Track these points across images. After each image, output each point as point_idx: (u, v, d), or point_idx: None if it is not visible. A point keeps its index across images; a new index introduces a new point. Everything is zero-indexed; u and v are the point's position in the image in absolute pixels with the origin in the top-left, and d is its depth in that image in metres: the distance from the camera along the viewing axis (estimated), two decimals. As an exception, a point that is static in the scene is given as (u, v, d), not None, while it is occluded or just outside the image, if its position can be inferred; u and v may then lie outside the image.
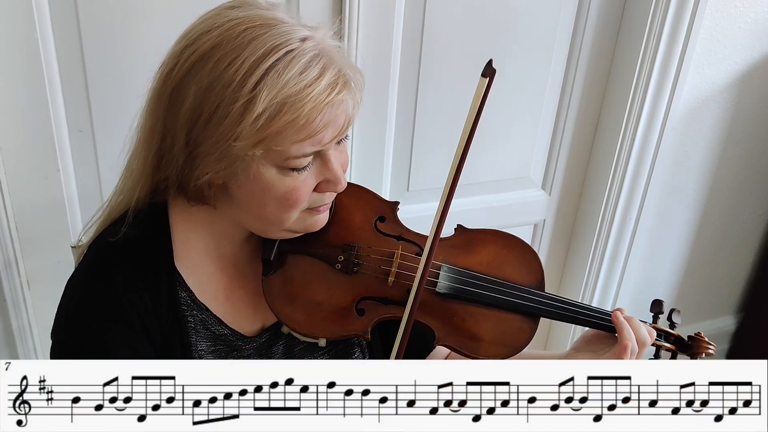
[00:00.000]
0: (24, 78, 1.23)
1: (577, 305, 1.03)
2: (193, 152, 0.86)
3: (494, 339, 0.99)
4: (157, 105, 0.87)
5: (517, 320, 1.00)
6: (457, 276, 0.99)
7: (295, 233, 0.95)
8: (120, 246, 0.92)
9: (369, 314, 0.96)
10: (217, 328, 0.97)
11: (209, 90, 0.82)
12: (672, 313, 1.10)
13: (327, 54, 0.85)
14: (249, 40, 0.82)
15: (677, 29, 1.64)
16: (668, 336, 1.08)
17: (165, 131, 0.87)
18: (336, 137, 0.88)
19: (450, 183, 0.89)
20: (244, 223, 0.95)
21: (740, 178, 2.08)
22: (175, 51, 0.86)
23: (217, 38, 0.83)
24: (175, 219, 0.96)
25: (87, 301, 0.91)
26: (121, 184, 0.97)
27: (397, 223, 1.03)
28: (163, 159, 0.89)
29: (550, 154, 1.84)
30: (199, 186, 0.88)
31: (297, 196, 0.88)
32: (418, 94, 1.59)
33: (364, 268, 0.98)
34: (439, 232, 0.90)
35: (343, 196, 1.00)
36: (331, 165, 0.89)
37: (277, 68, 0.81)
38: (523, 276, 1.03)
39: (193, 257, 0.96)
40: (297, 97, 0.81)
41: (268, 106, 0.81)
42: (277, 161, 0.85)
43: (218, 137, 0.83)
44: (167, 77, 0.86)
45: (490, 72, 0.86)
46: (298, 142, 0.84)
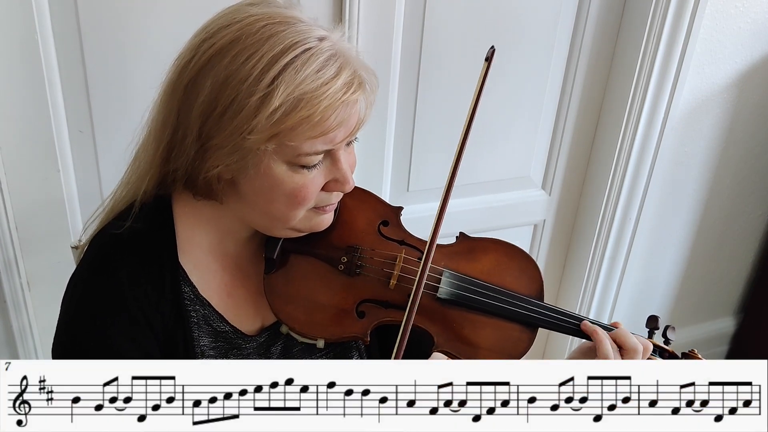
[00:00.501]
0: (24, 78, 1.23)
1: (574, 317, 1.03)
2: (205, 145, 0.86)
3: (492, 347, 0.99)
4: (172, 97, 0.88)
5: (516, 329, 1.00)
6: (458, 282, 1.00)
7: (300, 232, 0.95)
8: (124, 239, 0.92)
9: (369, 317, 0.97)
10: (219, 325, 0.97)
11: (226, 83, 0.83)
12: (667, 329, 1.09)
13: (343, 54, 0.87)
14: (268, 36, 0.83)
15: (677, 29, 1.64)
16: (663, 352, 1.07)
17: (178, 123, 0.88)
18: (347, 137, 0.89)
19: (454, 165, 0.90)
20: (250, 219, 0.95)
21: (740, 178, 2.08)
22: (193, 44, 0.87)
23: (236, 33, 0.84)
24: (179, 214, 0.96)
25: (90, 297, 0.91)
26: (127, 176, 0.97)
27: (401, 228, 1.04)
28: (174, 151, 0.89)
29: (550, 154, 1.84)
30: (208, 179, 0.89)
31: (305, 193, 0.89)
32: (418, 94, 1.59)
33: (366, 270, 0.98)
34: (442, 216, 0.91)
35: (347, 199, 1.01)
36: (340, 165, 0.90)
37: (295, 65, 0.82)
38: (523, 285, 1.03)
39: (197, 253, 0.96)
40: (314, 94, 0.82)
41: (284, 101, 0.82)
42: (289, 157, 0.86)
43: (232, 130, 0.84)
44: (183, 69, 0.87)
45: (490, 52, 0.89)
46: (311, 139, 0.85)
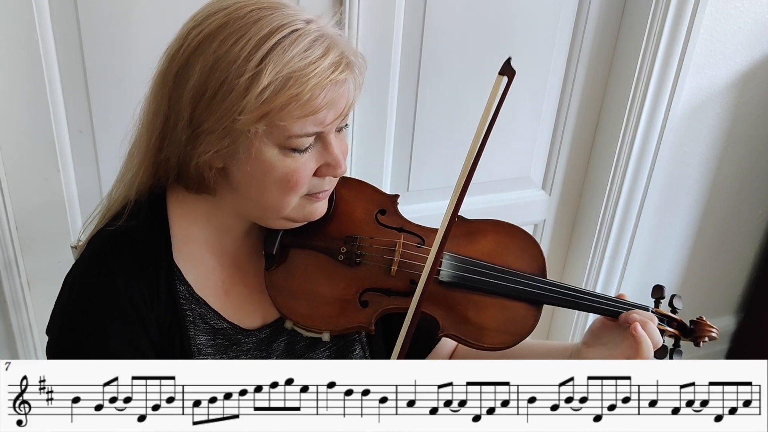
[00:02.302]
0: (24, 78, 1.23)
1: (579, 291, 1.03)
2: (197, 130, 0.86)
3: (498, 327, 0.99)
4: (162, 86, 0.89)
5: (521, 307, 1.00)
6: (460, 264, 0.99)
7: (295, 222, 0.95)
8: (119, 237, 0.92)
9: (373, 306, 0.96)
10: (216, 322, 0.97)
11: (215, 66, 0.84)
12: (673, 298, 1.09)
13: (330, 36, 0.87)
14: (255, 20, 0.84)
15: (677, 29, 1.64)
16: (671, 321, 1.07)
17: (169, 111, 0.88)
18: (337, 119, 0.89)
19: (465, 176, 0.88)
20: (244, 210, 0.95)
21: (740, 178, 2.08)
22: (181, 32, 0.88)
23: (224, 18, 0.85)
24: (174, 212, 0.96)
25: (85, 297, 0.90)
26: (121, 173, 0.97)
27: (398, 216, 1.04)
28: (166, 140, 0.89)
29: (550, 154, 1.84)
30: (199, 167, 0.89)
31: (297, 178, 0.89)
32: (418, 94, 1.59)
33: (366, 259, 0.98)
34: (449, 230, 0.90)
35: (343, 190, 1.01)
36: (331, 148, 0.90)
37: (282, 45, 0.83)
38: (525, 263, 1.04)
39: (193, 251, 0.96)
40: (302, 72, 0.83)
41: (273, 80, 0.82)
42: (279, 140, 0.86)
43: (222, 112, 0.84)
44: (173, 58, 0.87)
45: (510, 72, 0.86)
46: (301, 119, 0.85)
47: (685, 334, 1.07)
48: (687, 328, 1.08)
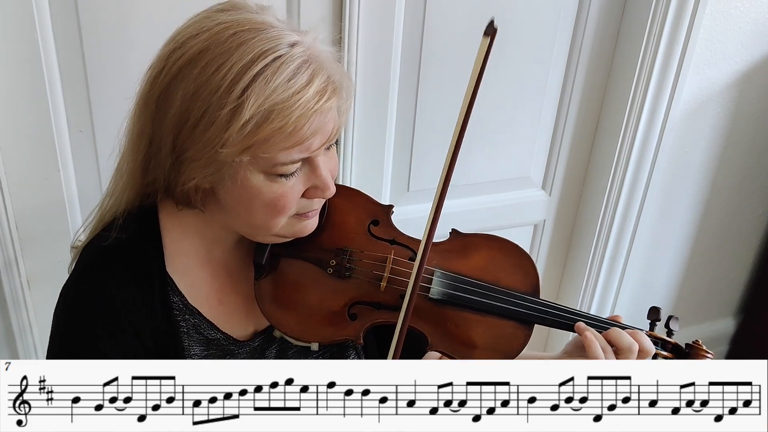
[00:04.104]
0: (24, 78, 1.23)
1: (570, 312, 1.02)
2: (180, 157, 0.85)
3: (487, 345, 0.98)
4: (145, 109, 0.87)
5: (510, 326, 0.99)
6: (450, 282, 0.99)
7: (284, 238, 0.94)
8: (111, 251, 0.92)
9: (361, 319, 0.96)
10: (210, 333, 0.96)
11: (196, 95, 0.81)
12: (670, 320, 1.07)
13: (316, 60, 0.84)
14: (237, 45, 0.81)
15: (677, 29, 1.64)
16: (665, 344, 1.05)
17: (152, 135, 0.86)
18: (325, 143, 0.87)
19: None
20: (233, 227, 0.94)
21: (740, 178, 2.08)
22: (162, 54, 0.86)
23: (204, 42, 0.82)
24: (165, 223, 0.95)
25: (80, 307, 0.90)
26: (112, 186, 0.96)
27: (391, 227, 1.02)
28: (151, 162, 0.88)
29: (550, 154, 1.84)
30: (185, 190, 0.88)
31: (285, 202, 0.87)
32: (418, 94, 1.59)
33: (356, 272, 0.97)
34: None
35: (336, 199, 0.99)
36: (319, 171, 0.88)
37: (265, 75, 0.80)
38: (517, 281, 1.02)
39: (185, 262, 0.95)
40: (285, 104, 0.80)
41: (255, 113, 0.79)
42: (265, 168, 0.85)
43: (205, 143, 0.82)
44: (154, 81, 0.85)
45: (491, 31, 0.84)
46: (286, 149, 0.83)
47: (679, 357, 1.06)
48: (682, 351, 1.06)
